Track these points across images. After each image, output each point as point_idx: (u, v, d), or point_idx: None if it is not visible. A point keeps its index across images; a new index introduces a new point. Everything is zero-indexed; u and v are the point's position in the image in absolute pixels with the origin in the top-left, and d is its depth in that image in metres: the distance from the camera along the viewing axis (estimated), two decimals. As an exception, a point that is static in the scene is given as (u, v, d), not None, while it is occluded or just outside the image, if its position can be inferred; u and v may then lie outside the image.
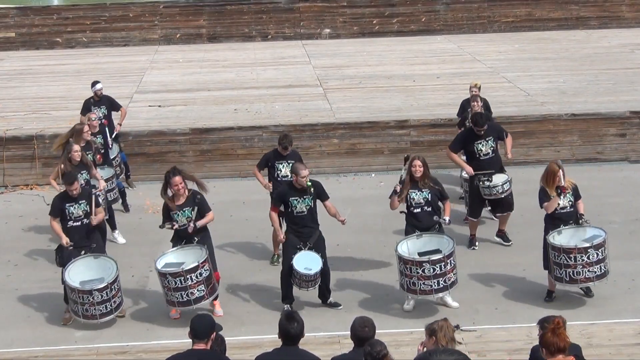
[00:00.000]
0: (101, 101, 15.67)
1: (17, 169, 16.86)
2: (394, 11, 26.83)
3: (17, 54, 25.74)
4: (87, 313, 10.80)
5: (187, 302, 10.82)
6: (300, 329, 7.15)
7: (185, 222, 11.11)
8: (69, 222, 11.19)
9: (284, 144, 12.65)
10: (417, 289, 10.90)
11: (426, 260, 10.81)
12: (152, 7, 26.80)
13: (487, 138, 13.06)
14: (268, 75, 21.90)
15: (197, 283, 10.77)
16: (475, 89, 15.05)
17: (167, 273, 10.76)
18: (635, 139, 17.47)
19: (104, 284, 10.76)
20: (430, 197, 11.36)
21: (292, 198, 11.15)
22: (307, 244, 11.14)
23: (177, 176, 11.07)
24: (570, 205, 11.38)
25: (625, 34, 25.89)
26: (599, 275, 11.04)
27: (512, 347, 9.92)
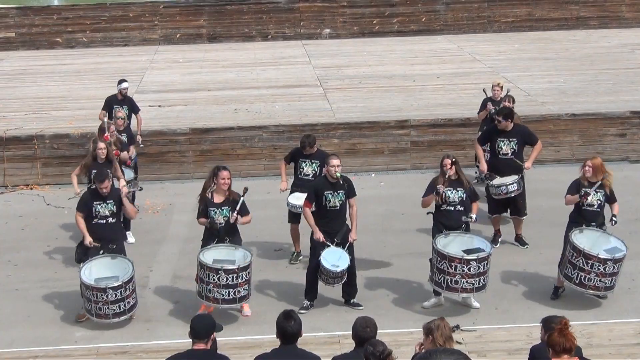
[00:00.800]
0: (124, 101, 15.66)
1: (17, 169, 16.86)
2: (394, 11, 26.84)
3: (17, 54, 25.75)
4: (100, 312, 10.78)
5: (232, 300, 10.80)
6: (297, 328, 7.16)
7: (222, 220, 11.07)
8: (94, 220, 11.19)
9: (304, 144, 12.64)
10: (458, 287, 10.82)
11: (474, 258, 10.77)
12: (152, 7, 26.80)
13: (511, 138, 13.02)
14: (268, 75, 21.91)
15: (245, 282, 10.80)
16: (498, 88, 15.17)
17: (221, 269, 10.68)
18: (635, 139, 17.47)
19: (119, 283, 10.75)
20: (465, 197, 11.35)
21: (327, 192, 11.15)
22: (335, 240, 11.13)
23: (227, 171, 11.08)
24: (598, 205, 11.34)
25: (625, 34, 25.90)
26: (607, 287, 11.02)
27: (512, 347, 9.92)
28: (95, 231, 11.16)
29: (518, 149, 13.06)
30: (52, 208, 15.57)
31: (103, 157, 12.77)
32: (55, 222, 14.87)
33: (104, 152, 12.78)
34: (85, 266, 10.94)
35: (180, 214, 15.05)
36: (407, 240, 13.60)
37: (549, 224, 13.32)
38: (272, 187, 15.42)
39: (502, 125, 13.04)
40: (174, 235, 14.19)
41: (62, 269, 12.92)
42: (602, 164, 11.47)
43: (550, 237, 12.99)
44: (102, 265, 11.02)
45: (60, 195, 16.08)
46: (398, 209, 14.90)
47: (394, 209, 14.98)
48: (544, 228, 13.35)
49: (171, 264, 13.08)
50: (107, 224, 11.22)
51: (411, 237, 13.62)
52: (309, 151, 12.64)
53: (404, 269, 12.55)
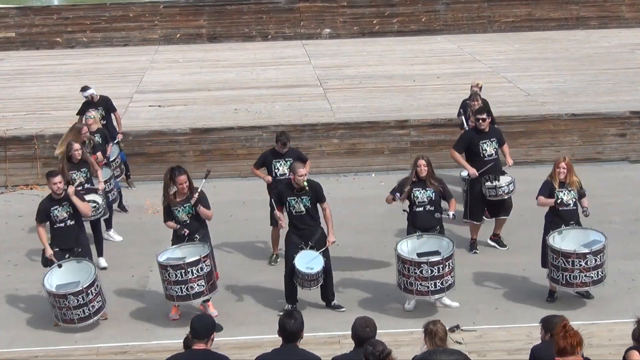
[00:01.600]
0: (98, 102, 15.68)
1: (17, 169, 16.86)
2: (394, 11, 26.83)
3: (17, 54, 25.75)
4: (65, 317, 10.81)
5: (186, 297, 10.82)
6: (297, 326, 7.17)
7: (186, 218, 11.13)
8: (55, 225, 11.24)
9: (283, 140, 12.66)
10: (413, 289, 10.91)
11: (424, 261, 10.81)
12: (152, 7, 26.80)
13: (492, 139, 12.97)
14: (268, 75, 21.90)
15: (198, 277, 10.77)
16: (477, 88, 15.07)
17: (168, 265, 10.76)
18: (635, 139, 17.47)
19: (79, 288, 10.71)
20: (434, 197, 11.37)
21: (289, 198, 11.16)
22: (309, 243, 11.14)
23: (183, 175, 11.10)
24: (573, 203, 11.38)
25: (625, 34, 25.89)
26: (595, 281, 11.03)
27: (512, 347, 9.93)
28: (57, 236, 11.19)
29: (498, 148, 13.06)
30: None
31: (78, 157, 12.75)
32: (55, 222, 14.84)
33: (79, 153, 12.75)
34: (50, 272, 10.96)
35: (180, 214, 15.03)
36: (407, 240, 13.58)
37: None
38: (272, 187, 15.42)
39: (485, 124, 12.91)
40: (174, 235, 14.17)
41: (62, 269, 12.90)
42: (572, 165, 11.50)
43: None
44: (66, 270, 11.01)
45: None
46: (398, 209, 14.86)
47: (394, 209, 14.92)
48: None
49: (171, 264, 13.05)
50: (67, 227, 11.22)
51: (411, 237, 13.60)
52: (282, 149, 12.64)
53: (404, 269, 12.53)
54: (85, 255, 11.25)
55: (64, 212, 11.23)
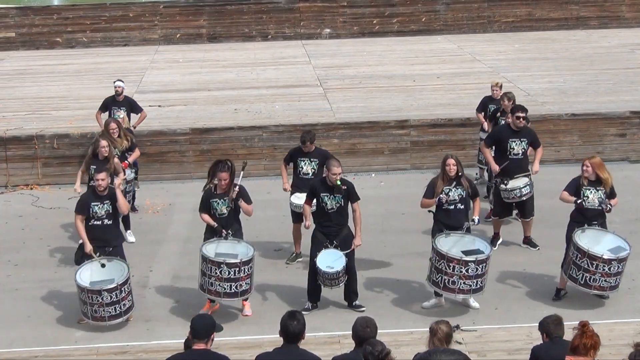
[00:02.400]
0: (122, 102, 15.67)
1: (17, 169, 16.86)
2: (394, 11, 26.83)
3: (17, 54, 25.75)
4: (96, 314, 10.78)
5: (234, 294, 10.84)
6: (300, 328, 7.17)
7: (225, 211, 11.11)
8: (91, 221, 11.19)
9: (304, 139, 12.65)
10: (455, 288, 10.81)
11: (473, 260, 10.76)
12: (152, 7, 26.80)
13: (522, 138, 12.94)
14: (268, 75, 21.90)
15: (247, 276, 10.83)
16: (497, 87, 15.15)
17: (223, 262, 10.70)
18: (635, 139, 17.47)
19: (114, 285, 10.73)
20: (465, 195, 11.35)
21: (322, 194, 11.15)
22: (334, 242, 11.12)
23: (225, 172, 11.07)
24: (599, 204, 11.32)
25: (625, 34, 25.89)
26: (612, 287, 11.03)
27: (512, 347, 9.93)
28: (92, 232, 11.15)
29: (527, 149, 13.02)
30: (51, 208, 15.56)
31: (105, 154, 12.79)
32: (55, 222, 14.86)
33: (106, 150, 12.81)
34: (82, 268, 10.94)
35: (180, 214, 15.06)
36: (407, 240, 13.60)
37: (549, 224, 13.32)
38: (272, 187, 15.44)
39: (520, 122, 12.91)
40: (174, 235, 14.19)
41: (62, 269, 12.91)
42: (602, 163, 11.47)
43: (550, 237, 12.99)
44: (98, 268, 11.00)
45: (60, 195, 16.08)
46: (398, 209, 14.90)
47: (394, 209, 14.97)
48: (544, 228, 13.34)
49: (171, 264, 13.08)
50: (103, 225, 11.19)
51: (411, 237, 13.62)
52: (308, 148, 12.63)
53: (404, 269, 12.55)
54: (117, 255, 11.21)
55: (103, 210, 11.20)
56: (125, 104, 15.73)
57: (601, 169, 11.35)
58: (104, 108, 15.61)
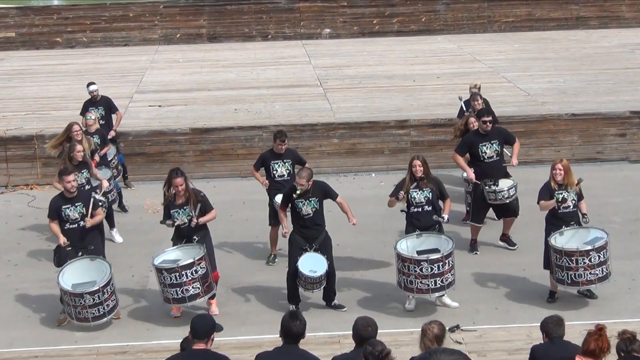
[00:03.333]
0: (99, 102, 15.72)
1: (17, 169, 16.86)
2: (394, 11, 26.84)
3: (17, 54, 25.75)
4: (80, 316, 10.81)
5: (181, 299, 10.84)
6: (302, 328, 7.17)
7: (186, 220, 11.12)
8: (66, 225, 11.19)
9: (282, 137, 12.66)
10: (414, 288, 10.92)
11: (424, 259, 10.81)
12: (152, 7, 26.81)
13: (492, 141, 12.91)
14: (268, 75, 21.91)
15: (192, 280, 10.78)
16: (475, 89, 15.06)
17: (162, 268, 10.79)
18: (635, 139, 17.47)
19: (95, 288, 10.73)
20: (431, 197, 11.37)
21: (297, 200, 11.12)
22: (313, 245, 11.12)
23: (179, 177, 11.07)
24: (573, 205, 11.37)
25: (625, 34, 25.90)
26: (600, 278, 11.01)
27: (512, 347, 9.93)
28: (69, 236, 11.13)
29: (501, 150, 12.99)
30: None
31: (80, 159, 12.77)
32: (55, 222, 14.85)
33: (82, 155, 12.79)
34: (64, 270, 10.94)
35: (180, 214, 15.03)
36: (407, 240, 13.58)
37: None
38: (272, 187, 15.42)
39: (487, 127, 12.89)
40: (174, 235, 14.17)
41: (62, 269, 12.90)
42: (569, 166, 11.48)
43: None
44: (80, 269, 11.01)
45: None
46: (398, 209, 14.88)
47: (394, 209, 14.93)
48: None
49: (171, 264, 13.06)
50: (79, 228, 11.19)
51: (411, 237, 13.60)
52: (279, 149, 12.61)
53: (404, 269, 12.53)
54: (98, 253, 11.23)
55: (77, 212, 11.19)
56: (103, 104, 15.75)
57: (569, 173, 11.40)
58: (84, 110, 15.61)
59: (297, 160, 12.82)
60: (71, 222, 11.18)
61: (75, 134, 13.26)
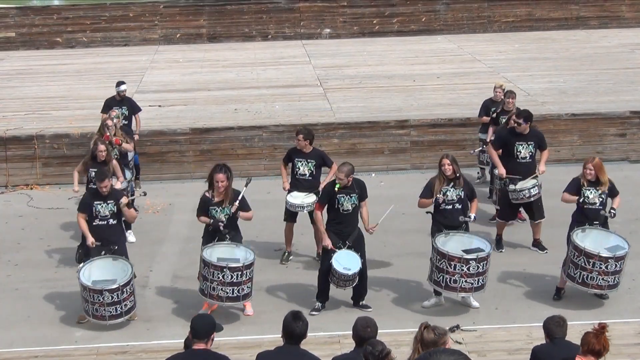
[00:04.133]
0: (122, 102, 15.72)
1: (17, 169, 16.86)
2: (394, 11, 26.84)
3: (17, 54, 25.75)
4: (97, 313, 10.80)
5: (236, 298, 10.84)
6: (304, 329, 7.17)
7: (224, 218, 11.06)
8: (95, 221, 11.20)
9: (297, 135, 12.69)
10: (457, 287, 10.82)
11: (474, 257, 10.75)
12: (152, 7, 26.81)
13: (529, 142, 12.91)
14: (268, 75, 21.91)
15: (248, 280, 10.83)
16: (500, 89, 15.13)
17: (226, 267, 10.69)
18: (635, 139, 17.48)
19: (116, 286, 10.73)
20: (463, 195, 11.35)
21: (339, 195, 11.12)
22: (347, 243, 11.12)
23: (222, 174, 11.01)
24: (600, 203, 11.33)
25: (625, 34, 25.90)
26: (611, 285, 11.01)
27: (512, 347, 9.93)
28: (96, 232, 11.16)
29: (535, 152, 12.97)
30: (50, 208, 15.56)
31: (103, 158, 12.81)
32: (55, 222, 14.87)
33: (104, 155, 12.83)
34: (85, 267, 10.94)
35: (180, 214, 15.05)
36: (407, 240, 13.60)
37: (549, 224, 13.30)
38: (272, 187, 15.43)
39: (521, 128, 12.90)
40: (174, 235, 14.19)
41: (62, 269, 12.92)
42: (602, 164, 11.48)
43: (550, 237, 12.99)
44: (102, 267, 11.01)
45: (60, 195, 16.09)
46: (398, 209, 14.86)
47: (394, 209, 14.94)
48: (545, 228, 13.32)
49: (171, 264, 13.08)
50: (108, 225, 11.23)
51: (411, 237, 13.62)
52: (303, 147, 12.61)
53: (404, 269, 12.55)
54: (121, 254, 11.23)
55: (107, 210, 11.22)
56: (126, 104, 15.78)
57: (602, 171, 11.38)
58: (106, 108, 15.63)
59: (322, 161, 12.78)
60: (100, 219, 11.21)
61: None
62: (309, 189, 12.55)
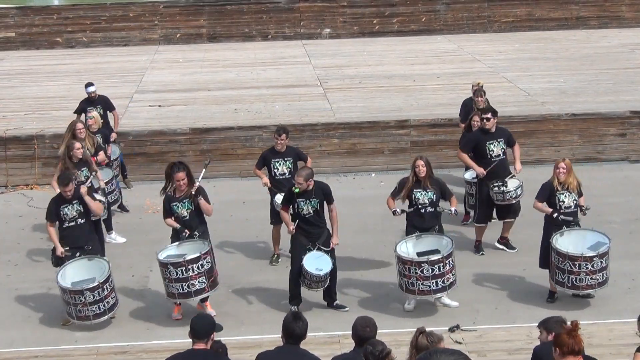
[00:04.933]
0: (96, 101, 15.71)
1: (17, 169, 16.86)
2: (394, 11, 26.83)
3: (17, 54, 25.74)
4: (80, 314, 10.81)
5: (187, 294, 10.83)
6: (304, 329, 7.18)
7: (186, 213, 11.10)
8: (64, 223, 11.22)
9: (278, 132, 12.68)
10: (415, 289, 10.90)
11: (425, 260, 10.80)
12: (152, 7, 26.80)
13: (499, 139, 12.85)
14: (268, 75, 21.90)
15: (199, 274, 10.78)
16: (477, 87, 15.06)
17: (168, 263, 10.76)
18: (635, 139, 17.47)
19: (95, 284, 10.74)
20: (435, 198, 11.35)
21: (299, 199, 11.11)
22: (316, 244, 11.11)
23: (182, 172, 11.05)
24: (574, 205, 11.35)
25: (625, 34, 25.89)
26: (600, 283, 11.01)
27: (512, 347, 9.93)
28: (68, 235, 11.18)
29: (506, 148, 12.94)
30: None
31: (79, 156, 12.73)
32: (55, 222, 14.84)
33: (81, 152, 12.73)
34: (63, 270, 10.96)
35: (180, 214, 15.03)
36: (407, 240, 13.58)
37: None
38: (272, 187, 15.41)
39: (490, 123, 12.82)
40: (174, 235, 14.16)
41: (62, 269, 12.90)
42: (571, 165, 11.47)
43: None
44: (78, 268, 11.03)
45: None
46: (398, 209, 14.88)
47: (393, 209, 14.94)
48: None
49: (171, 264, 13.05)
50: (78, 226, 11.22)
51: (411, 237, 13.59)
52: (278, 146, 12.59)
53: (404, 269, 12.53)
54: (96, 253, 11.25)
55: (74, 210, 11.22)
56: (100, 102, 15.72)
57: (572, 172, 11.38)
58: (80, 110, 15.60)
59: (298, 157, 12.80)
60: (69, 221, 11.21)
61: (79, 132, 13.21)
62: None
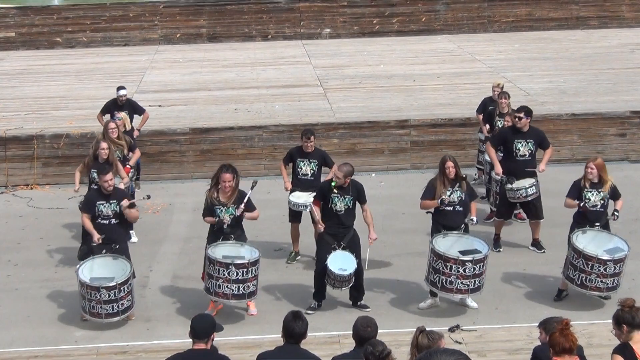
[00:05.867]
0: (123, 107, 15.62)
1: (17, 169, 16.86)
2: (394, 11, 26.83)
3: (17, 54, 25.74)
4: (94, 310, 10.80)
5: (242, 295, 10.84)
6: (305, 328, 7.18)
7: (228, 219, 11.02)
8: (97, 220, 11.21)
9: (307, 135, 12.64)
10: (453, 288, 10.79)
11: (470, 259, 10.74)
12: (152, 7, 26.80)
13: (528, 140, 12.84)
14: (268, 75, 21.90)
15: (254, 277, 10.83)
16: (498, 89, 15.10)
17: (230, 263, 10.67)
18: (635, 139, 17.48)
19: (113, 283, 10.73)
20: (464, 197, 11.33)
21: (333, 195, 11.13)
22: (342, 244, 11.11)
23: (229, 173, 11.00)
24: (601, 205, 11.31)
25: (625, 34, 25.89)
26: (609, 288, 10.99)
27: (512, 347, 9.92)
28: (98, 231, 11.16)
29: (535, 150, 12.92)
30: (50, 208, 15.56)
31: (105, 157, 12.75)
32: (55, 222, 14.86)
33: (106, 152, 12.77)
34: (85, 264, 10.95)
35: (180, 214, 15.05)
36: (407, 240, 13.60)
37: (549, 224, 13.31)
38: (272, 187, 15.43)
39: (522, 122, 12.85)
40: (174, 235, 14.19)
41: (62, 269, 12.92)
42: (604, 164, 11.46)
43: (550, 237, 12.99)
44: (101, 265, 11.02)
45: (60, 195, 16.09)
46: (398, 209, 14.90)
47: (394, 209, 14.97)
48: (544, 228, 13.33)
49: (171, 264, 13.08)
50: (110, 225, 11.22)
51: (411, 237, 13.61)
52: (307, 147, 12.61)
53: (404, 269, 12.55)
54: (122, 253, 11.23)
55: (110, 210, 11.22)
56: (127, 107, 15.70)
57: (604, 171, 11.36)
58: (105, 110, 15.60)
59: (324, 161, 12.78)
60: (103, 218, 11.21)
61: (111, 131, 13.18)
62: (309, 188, 12.54)
